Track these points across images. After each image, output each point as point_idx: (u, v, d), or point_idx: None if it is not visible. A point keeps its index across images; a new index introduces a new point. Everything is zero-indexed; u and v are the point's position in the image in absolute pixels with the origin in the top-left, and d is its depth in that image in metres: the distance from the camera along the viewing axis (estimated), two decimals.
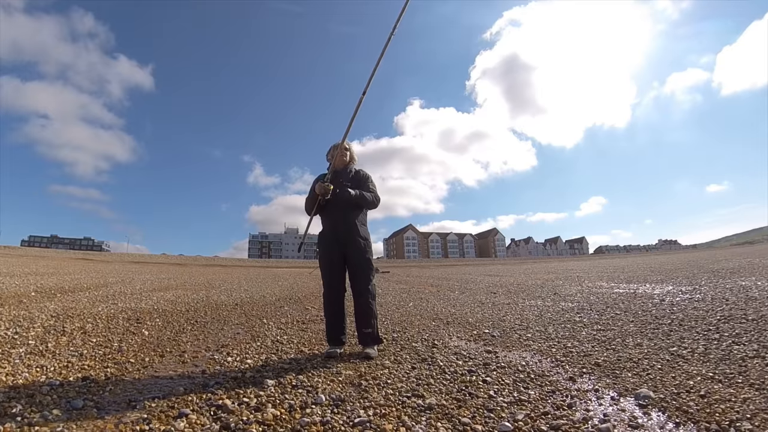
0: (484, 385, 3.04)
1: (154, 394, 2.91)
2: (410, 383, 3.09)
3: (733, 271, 11.17)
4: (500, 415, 2.52)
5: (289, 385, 3.09)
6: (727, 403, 2.58)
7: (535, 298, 8.10)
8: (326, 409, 2.60)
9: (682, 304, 6.33)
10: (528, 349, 4.09)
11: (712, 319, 4.96)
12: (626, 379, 3.12)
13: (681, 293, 7.57)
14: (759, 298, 6.17)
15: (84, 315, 6.10)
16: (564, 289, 9.34)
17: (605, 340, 4.33)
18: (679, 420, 2.42)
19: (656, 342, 4.12)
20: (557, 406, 2.65)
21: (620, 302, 6.94)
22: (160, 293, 9.47)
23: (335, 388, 3.01)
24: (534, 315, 6.08)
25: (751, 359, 3.39)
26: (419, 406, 2.64)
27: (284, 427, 2.37)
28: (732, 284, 8.16)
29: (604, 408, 2.62)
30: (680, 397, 2.74)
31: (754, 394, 2.70)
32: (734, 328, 4.44)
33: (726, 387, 2.86)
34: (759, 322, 4.59)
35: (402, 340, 4.61)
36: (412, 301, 8.23)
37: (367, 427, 2.33)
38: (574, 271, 16.82)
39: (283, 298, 9.10)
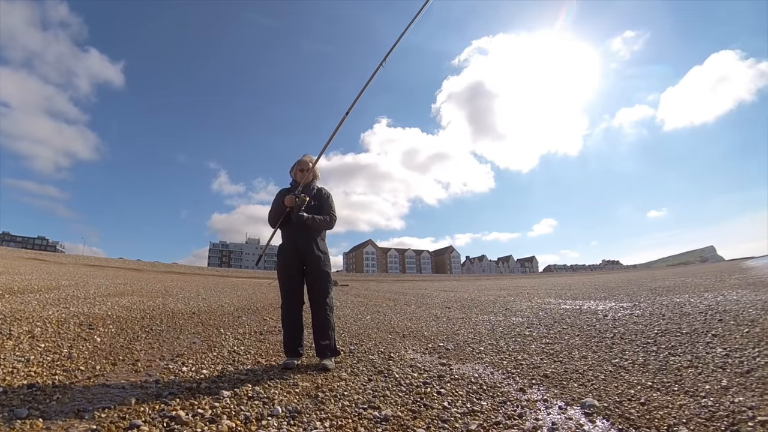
0: (438, 397, 3.05)
1: (105, 404, 2.74)
2: (366, 395, 3.06)
3: (669, 289, 11.72)
4: (454, 425, 2.54)
5: (245, 397, 2.99)
6: (665, 410, 2.72)
7: (488, 313, 8.18)
8: (282, 421, 2.53)
9: (624, 319, 6.56)
10: (480, 362, 4.13)
11: (650, 333, 5.18)
12: (573, 390, 3.21)
13: (622, 309, 7.86)
14: (692, 313, 6.50)
15: (33, 318, 5.69)
16: (515, 305, 9.50)
17: (553, 352, 4.44)
18: (621, 426, 2.52)
19: (600, 354, 4.27)
20: (508, 416, 2.69)
21: (567, 317, 7.13)
22: (114, 299, 8.97)
23: (292, 400, 2.93)
24: (486, 329, 6.15)
25: (685, 369, 3.58)
26: (375, 418, 2.62)
27: None
28: (668, 301, 8.54)
29: (552, 417, 2.69)
30: (622, 405, 2.85)
31: (689, 400, 2.86)
32: (670, 341, 4.66)
33: (664, 395, 3.00)
34: (692, 335, 4.83)
35: (359, 352, 4.56)
36: (369, 314, 8.17)
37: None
38: (524, 288, 17.21)
39: (241, 308, 8.79)
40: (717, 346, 4.26)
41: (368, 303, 10.34)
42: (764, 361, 3.59)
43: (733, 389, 3.02)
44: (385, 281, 32.45)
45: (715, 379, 3.27)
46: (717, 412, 2.64)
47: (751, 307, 6.56)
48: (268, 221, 4.16)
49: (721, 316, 5.98)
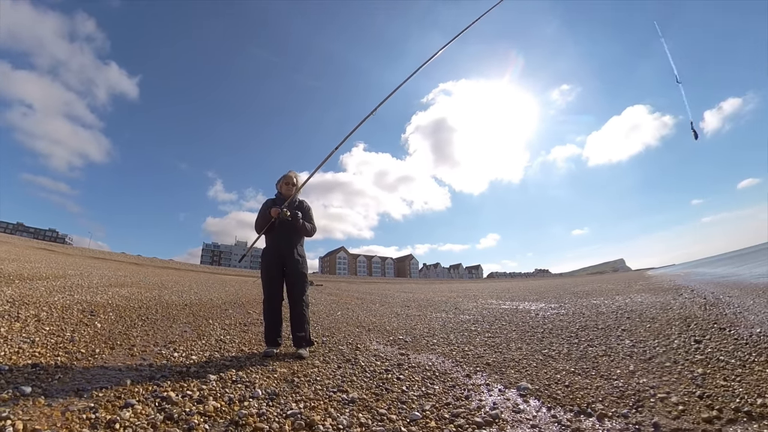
0: (398, 382, 3.07)
1: (102, 384, 2.64)
2: (336, 380, 3.06)
3: (588, 293, 12.13)
4: (411, 406, 2.58)
5: (230, 380, 2.94)
6: (585, 390, 2.85)
7: (440, 312, 8.23)
8: (262, 402, 2.51)
9: (551, 317, 6.74)
10: (434, 353, 4.17)
11: (573, 328, 5.35)
12: (510, 375, 3.30)
13: (550, 309, 8.05)
14: (606, 312, 6.76)
15: (40, 303, 5.37)
16: (463, 305, 9.57)
17: (494, 345, 4.53)
18: (550, 405, 2.63)
19: (532, 346, 4.38)
20: (457, 397, 2.75)
21: (506, 316, 7.24)
22: (115, 289, 8.51)
23: (271, 384, 2.91)
24: (439, 325, 6.19)
25: (600, 357, 3.73)
26: (344, 400, 2.63)
27: (224, 418, 2.26)
28: (587, 302, 8.83)
29: (493, 398, 2.76)
30: (551, 387, 2.96)
31: (604, 383, 3.00)
32: (589, 334, 4.84)
33: (584, 378, 3.13)
34: (606, 330, 5.03)
35: (330, 343, 4.53)
36: (340, 311, 8.08)
37: (298, 418, 2.28)
38: (471, 291, 17.41)
39: (228, 302, 8.50)
40: (626, 338, 4.46)
41: (339, 301, 10.21)
42: (662, 350, 3.80)
43: (638, 373, 3.18)
44: (355, 283, 32.18)
45: (624, 365, 3.43)
46: (626, 391, 2.79)
47: (652, 307, 6.89)
48: (254, 227, 4.14)
49: (628, 314, 6.24)
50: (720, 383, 2.82)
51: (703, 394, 2.65)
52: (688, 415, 2.37)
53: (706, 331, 4.40)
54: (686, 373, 3.08)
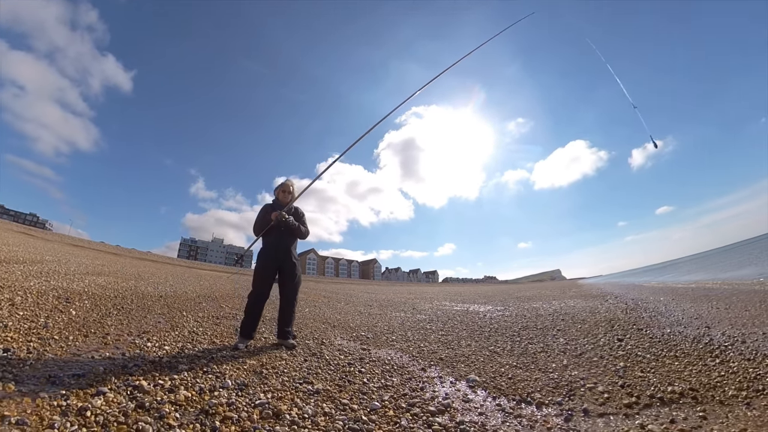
0: (359, 375, 3.04)
1: (75, 371, 2.46)
2: (302, 372, 2.99)
3: (529, 298, 12.53)
4: (371, 396, 2.56)
5: (201, 371, 2.80)
6: (525, 382, 2.93)
7: (400, 311, 8.24)
8: (232, 393, 2.41)
9: (497, 318, 6.90)
10: (393, 348, 4.16)
11: (515, 328, 5.50)
12: (460, 369, 3.34)
13: (497, 311, 8.24)
14: (544, 315, 7.00)
15: (15, 287, 4.94)
16: (420, 306, 9.63)
17: (447, 341, 4.57)
18: (495, 395, 2.69)
19: (480, 343, 4.46)
20: (413, 389, 2.75)
21: (457, 316, 7.34)
22: (92, 277, 7.93)
23: (240, 375, 2.79)
24: (398, 323, 6.20)
25: (539, 353, 3.85)
26: (309, 391, 2.57)
27: (194, 407, 2.15)
28: (528, 306, 9.12)
29: (445, 389, 2.79)
30: (496, 379, 3.02)
31: (541, 375, 3.09)
32: (529, 334, 4.98)
33: (524, 372, 3.22)
34: (543, 330, 5.21)
35: (297, 337, 4.37)
36: (308, 308, 7.88)
37: (266, 408, 2.21)
38: (427, 293, 17.53)
39: (202, 295, 8.06)
40: (560, 337, 4.62)
41: (307, 299, 9.95)
42: (590, 347, 3.97)
43: (570, 367, 3.31)
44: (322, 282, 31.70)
45: (559, 360, 3.56)
46: (560, 383, 2.89)
47: (582, 310, 7.20)
48: (252, 229, 4.06)
49: (563, 317, 6.49)
50: (638, 374, 3.00)
51: (624, 383, 2.81)
52: (612, 402, 2.51)
53: (627, 331, 4.65)
54: (610, 367, 3.25)
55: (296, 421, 2.08)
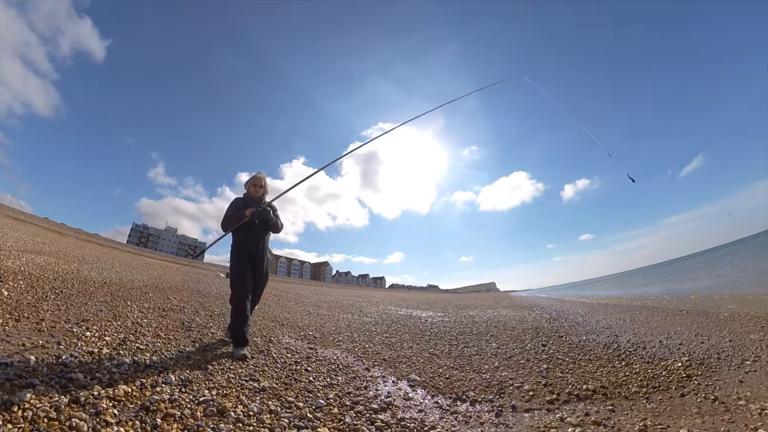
0: (306, 373, 3.00)
1: (1, 360, 2.19)
2: (249, 370, 2.88)
3: (467, 306, 13.02)
4: (317, 394, 2.54)
5: (143, 365, 2.59)
6: (461, 382, 3.07)
7: (347, 313, 8.18)
8: (175, 388, 2.25)
9: (437, 323, 7.08)
10: (339, 348, 4.14)
11: (453, 333, 5.69)
12: (402, 369, 3.41)
13: (437, 317, 8.44)
14: (479, 321, 7.32)
15: None
16: (367, 309, 9.61)
17: (390, 343, 4.63)
18: (433, 393, 2.80)
19: (421, 345, 4.57)
20: (357, 387, 2.77)
21: (401, 320, 7.44)
22: (31, 255, 6.95)
23: (184, 371, 2.61)
24: (345, 324, 6.15)
25: (473, 356, 4.03)
26: (255, 388, 2.49)
27: (134, 403, 1.99)
28: (465, 314, 9.46)
29: (388, 388, 2.85)
30: (434, 379, 3.13)
31: (475, 375, 3.26)
32: (465, 338, 5.19)
33: (460, 372, 3.36)
34: (478, 335, 5.45)
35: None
36: (257, 305, 7.57)
37: (210, 405, 2.10)
38: (374, 297, 17.52)
39: (149, 285, 7.38)
40: (492, 342, 4.87)
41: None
42: (519, 351, 4.23)
43: (501, 368, 3.52)
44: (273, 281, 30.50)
45: (491, 362, 3.76)
46: (492, 382, 3.07)
47: (513, 319, 7.63)
48: (221, 224, 3.65)
49: (495, 324, 6.83)
50: (558, 375, 3.29)
51: (547, 383, 3.07)
52: (536, 399, 2.74)
53: (550, 338, 5.01)
54: (535, 368, 3.50)
55: (241, 418, 2.01)
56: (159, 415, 1.90)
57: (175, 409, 1.98)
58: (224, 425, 1.91)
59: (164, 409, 1.96)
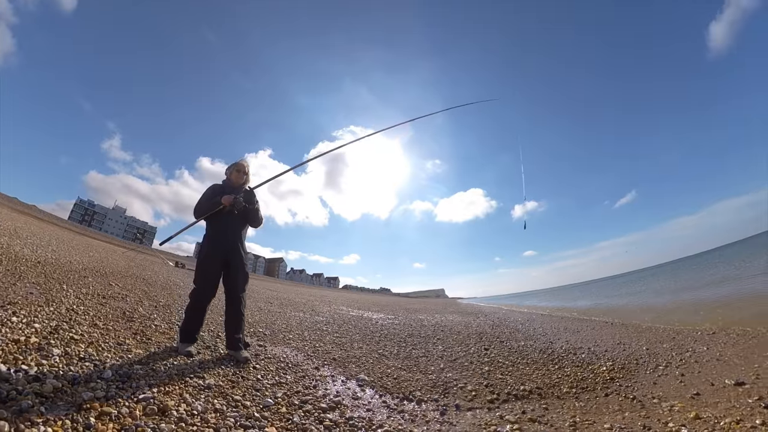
0: (254, 371, 2.89)
1: None
2: (193, 365, 2.69)
3: (416, 310, 13.27)
4: (265, 393, 2.46)
5: (77, 357, 2.31)
6: (408, 382, 3.13)
7: (299, 311, 7.98)
8: (111, 384, 2.05)
9: (388, 325, 7.15)
10: (289, 346, 4.03)
11: (402, 335, 5.77)
12: (352, 369, 3.40)
13: (388, 319, 8.55)
14: (427, 325, 7.49)
15: None
16: (319, 308, 9.45)
17: (341, 343, 4.60)
18: (382, 393, 2.83)
19: (371, 346, 4.59)
20: (306, 386, 2.72)
21: (353, 321, 7.42)
22: None
23: (124, 365, 2.38)
24: (296, 322, 6.02)
25: (421, 358, 4.13)
26: (200, 386, 2.34)
27: (65, 400, 1.77)
28: (415, 317, 9.64)
29: (337, 387, 2.83)
30: (383, 379, 3.16)
31: (422, 376, 3.34)
32: (414, 340, 5.28)
33: (408, 373, 3.42)
34: (426, 338, 5.57)
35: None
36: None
37: (151, 403, 1.95)
38: (327, 297, 17.24)
39: (90, 268, 6.61)
40: (439, 345, 5.00)
41: None
42: (463, 354, 4.38)
43: (446, 370, 3.64)
44: None
45: (437, 364, 3.86)
46: (437, 383, 3.17)
47: (459, 324, 7.90)
48: (194, 210, 3.23)
49: (442, 328, 7.02)
50: (499, 377, 3.49)
51: (488, 383, 3.25)
52: (478, 398, 2.90)
53: (492, 343, 5.24)
54: (478, 370, 3.67)
55: (184, 417, 1.88)
56: (93, 414, 1.72)
57: (111, 407, 1.80)
58: (165, 425, 1.78)
59: (99, 407, 1.77)
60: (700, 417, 2.33)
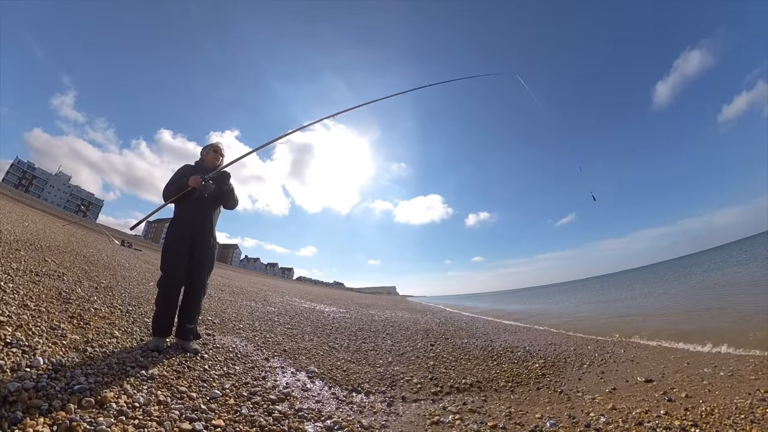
0: (201, 361, 2.74)
1: None
2: (136, 354, 2.49)
3: (368, 305, 13.39)
4: (212, 384, 2.35)
5: (2, 342, 2.05)
6: (357, 374, 3.17)
7: (251, 300, 7.69)
8: (42, 374, 1.84)
9: (339, 318, 7.15)
10: (238, 336, 3.89)
11: (353, 329, 5.80)
12: (302, 361, 3.36)
13: (339, 312, 8.53)
14: (377, 320, 7.59)
15: None
16: (271, 299, 9.19)
17: (292, 335, 4.52)
18: (331, 385, 2.84)
19: (322, 339, 4.56)
20: (255, 377, 2.66)
21: (304, 313, 7.31)
22: None
23: (57, 352, 2.15)
24: (247, 312, 5.79)
25: (370, 351, 4.18)
26: (142, 376, 2.19)
27: None
28: (366, 312, 9.72)
29: (286, 379, 2.79)
30: (332, 371, 3.16)
31: (371, 369, 3.39)
32: (364, 334, 5.33)
33: (357, 366, 3.45)
34: (376, 332, 5.65)
35: (135, 314, 3.62)
36: (152, 281, 6.37)
37: (87, 395, 1.77)
38: (281, 288, 16.76)
39: (23, 240, 5.85)
40: (388, 339, 5.10)
41: (155, 270, 8.10)
42: (410, 349, 4.50)
43: (394, 363, 3.72)
44: None
45: (385, 358, 3.94)
46: (385, 375, 3.24)
47: (407, 321, 8.09)
48: (162, 192, 2.96)
49: (392, 324, 7.16)
50: (443, 371, 3.65)
51: (432, 377, 3.38)
52: (423, 391, 3.02)
53: (438, 339, 5.43)
54: (423, 364, 3.80)
55: (125, 410, 1.75)
56: (20, 408, 1.54)
57: (42, 400, 1.63)
58: (103, 418, 1.63)
59: (27, 400, 1.59)
60: (616, 408, 2.64)
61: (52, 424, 1.51)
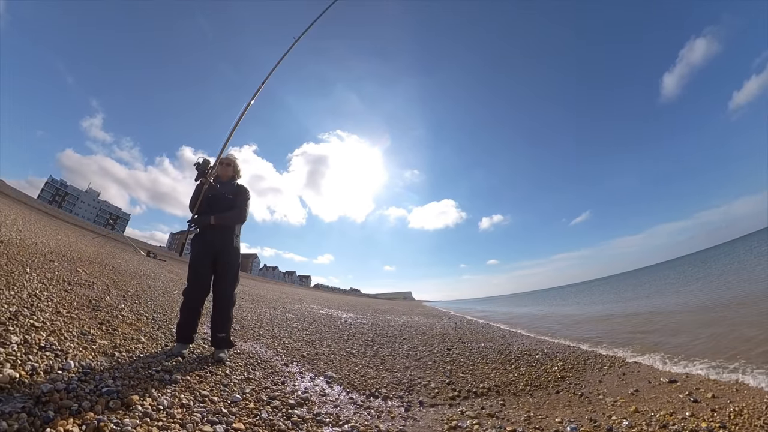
0: (222, 366, 2.77)
1: None
2: (160, 359, 2.56)
3: (384, 311, 13.31)
4: (233, 388, 2.37)
5: (37, 346, 2.13)
6: (375, 379, 3.13)
7: (270, 308, 7.78)
8: (73, 376, 1.91)
9: (356, 324, 7.13)
10: (258, 342, 3.92)
11: (370, 334, 5.77)
12: (320, 366, 3.35)
13: (357, 318, 8.52)
14: (394, 326, 7.53)
15: None
16: (290, 306, 9.27)
17: (310, 341, 4.53)
18: (349, 389, 2.81)
19: (340, 344, 4.55)
20: (275, 382, 2.66)
21: (322, 319, 7.33)
22: None
23: (87, 356, 2.23)
24: (267, 319, 5.85)
25: (387, 357, 4.13)
26: (166, 380, 2.23)
27: (21, 391, 1.64)
28: (383, 317, 9.68)
29: (305, 384, 2.78)
30: (350, 376, 3.13)
31: (388, 374, 3.35)
32: (381, 340, 5.29)
33: (374, 371, 3.42)
34: (393, 338, 5.60)
35: (161, 320, 3.74)
36: (177, 290, 6.53)
37: (114, 397, 1.83)
38: (299, 295, 16.89)
39: (57, 252, 6.08)
40: (405, 344, 5.04)
41: (178, 280, 8.37)
42: (427, 353, 4.43)
43: (411, 368, 3.66)
44: None
45: (402, 362, 3.89)
46: (402, 380, 3.18)
47: (424, 325, 7.99)
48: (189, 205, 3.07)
49: (408, 329, 7.08)
50: (460, 375, 3.58)
51: (450, 382, 3.31)
52: (441, 395, 2.95)
53: (454, 343, 5.33)
54: (441, 369, 3.73)
55: (149, 412, 1.78)
56: (52, 407, 1.60)
57: (72, 401, 1.69)
58: (129, 420, 1.68)
59: (58, 400, 1.65)
60: (639, 410, 2.52)
61: (81, 424, 1.56)
